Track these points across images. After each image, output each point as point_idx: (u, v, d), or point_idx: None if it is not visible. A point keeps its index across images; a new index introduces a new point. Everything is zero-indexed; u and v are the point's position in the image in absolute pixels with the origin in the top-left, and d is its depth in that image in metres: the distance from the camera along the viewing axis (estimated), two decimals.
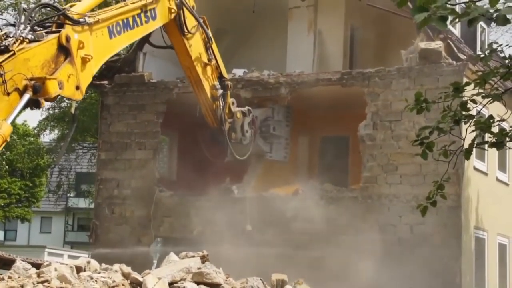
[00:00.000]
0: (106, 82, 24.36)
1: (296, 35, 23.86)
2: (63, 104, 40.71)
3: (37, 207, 56.19)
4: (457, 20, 7.01)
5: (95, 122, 34.68)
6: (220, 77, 18.78)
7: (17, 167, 49.95)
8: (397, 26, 22.47)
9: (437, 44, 20.82)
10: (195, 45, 17.81)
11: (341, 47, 23.74)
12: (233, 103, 19.52)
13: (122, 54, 26.00)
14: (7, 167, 48.16)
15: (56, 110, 41.27)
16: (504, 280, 23.94)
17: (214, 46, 18.38)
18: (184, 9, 16.99)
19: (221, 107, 18.81)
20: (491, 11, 7.01)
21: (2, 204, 51.63)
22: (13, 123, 12.69)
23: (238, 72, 23.34)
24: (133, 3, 15.37)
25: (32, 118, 67.63)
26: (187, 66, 18.08)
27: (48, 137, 45.97)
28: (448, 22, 6.97)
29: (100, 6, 15.59)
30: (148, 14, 15.82)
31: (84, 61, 13.78)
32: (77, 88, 13.63)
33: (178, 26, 17.10)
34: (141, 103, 24.03)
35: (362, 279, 19.84)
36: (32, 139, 48.70)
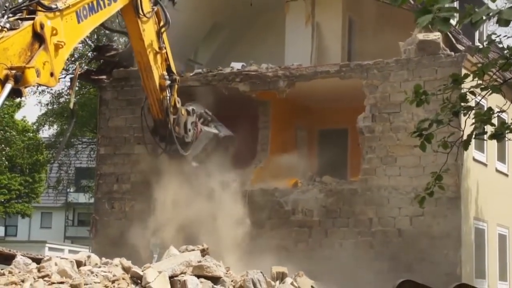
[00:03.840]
0: (104, 77, 24.32)
1: (294, 27, 23.82)
2: (61, 100, 40.74)
3: (37, 203, 56.22)
4: (458, 25, 7.00)
5: (94, 117, 34.68)
6: (169, 70, 19.16)
7: (17, 163, 49.95)
8: (395, 18, 22.44)
9: (436, 36, 20.78)
10: (148, 31, 18.26)
11: (339, 40, 23.69)
12: (178, 102, 19.79)
13: (120, 49, 25.96)
14: (6, 163, 48.16)
15: (55, 106, 41.28)
16: (504, 270, 23.97)
17: (165, 37, 18.81)
18: None
19: (168, 97, 19.17)
20: (493, 7, 6.99)
21: (2, 200, 51.63)
22: None
23: (236, 65, 23.31)
24: None
25: (31, 113, 67.57)
26: (138, 51, 18.53)
27: (47, 132, 46.03)
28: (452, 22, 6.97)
29: None
30: None
31: (57, 47, 13.92)
32: (52, 75, 13.74)
33: (134, 7, 17.40)
34: (140, 97, 23.93)
35: (361, 271, 19.87)
36: (31, 134, 48.70)
